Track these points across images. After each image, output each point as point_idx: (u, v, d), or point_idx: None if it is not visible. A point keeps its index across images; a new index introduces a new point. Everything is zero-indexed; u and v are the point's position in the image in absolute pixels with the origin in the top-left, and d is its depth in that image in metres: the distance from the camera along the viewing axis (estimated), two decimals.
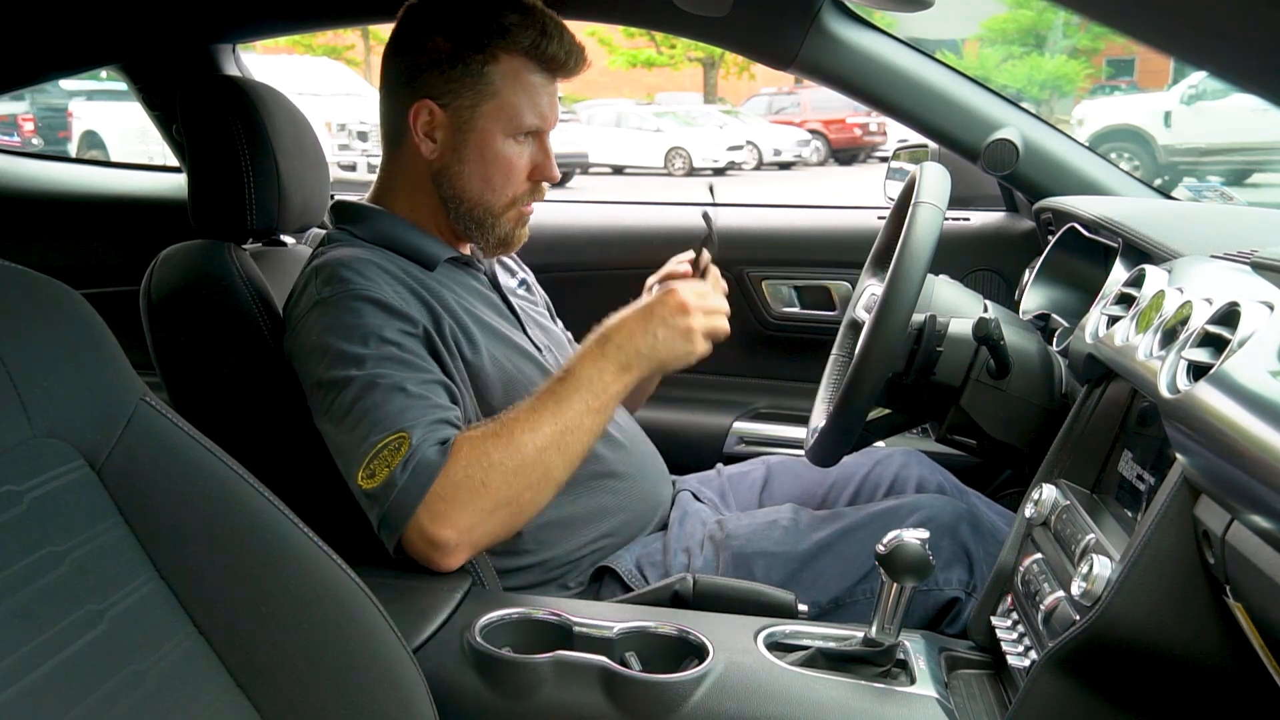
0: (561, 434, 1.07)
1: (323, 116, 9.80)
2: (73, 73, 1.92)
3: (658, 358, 1.13)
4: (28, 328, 0.69)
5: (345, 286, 1.12)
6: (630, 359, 1.11)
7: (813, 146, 16.24)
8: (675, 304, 1.13)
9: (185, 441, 0.75)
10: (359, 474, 1.04)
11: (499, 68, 1.17)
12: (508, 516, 1.06)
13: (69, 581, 0.65)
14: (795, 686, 0.93)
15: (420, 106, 1.18)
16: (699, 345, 1.14)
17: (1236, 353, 0.71)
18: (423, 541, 1.04)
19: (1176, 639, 0.79)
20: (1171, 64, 13.57)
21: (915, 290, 1.11)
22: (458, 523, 1.03)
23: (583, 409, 1.09)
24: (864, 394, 1.14)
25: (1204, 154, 10.40)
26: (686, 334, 1.13)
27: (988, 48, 20.66)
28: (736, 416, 1.91)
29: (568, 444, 1.08)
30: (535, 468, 1.06)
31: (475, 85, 1.17)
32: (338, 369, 1.08)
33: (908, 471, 1.44)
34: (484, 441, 1.05)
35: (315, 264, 1.17)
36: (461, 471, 1.03)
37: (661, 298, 1.14)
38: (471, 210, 1.23)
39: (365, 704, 0.76)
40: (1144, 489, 0.92)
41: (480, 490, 1.03)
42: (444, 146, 1.20)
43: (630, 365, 1.11)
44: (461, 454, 1.04)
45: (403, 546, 1.06)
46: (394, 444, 1.03)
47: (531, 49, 1.18)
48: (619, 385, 1.11)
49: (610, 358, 1.11)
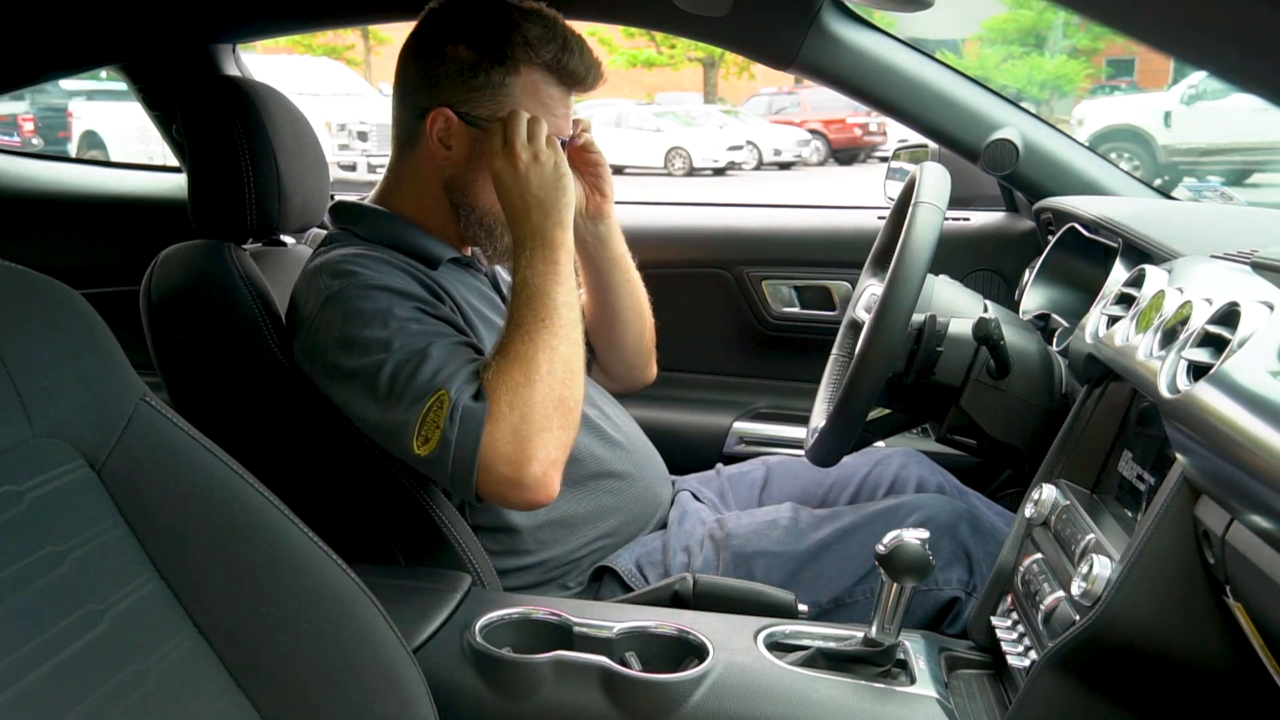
0: (545, 321, 1.09)
1: (323, 116, 9.79)
2: (73, 73, 1.92)
3: (550, 221, 1.12)
4: (28, 328, 0.69)
5: (354, 279, 1.12)
6: (541, 247, 1.11)
7: (813, 146, 16.24)
8: (521, 157, 1.12)
9: (185, 441, 0.75)
10: (414, 444, 1.05)
11: (519, 80, 1.18)
12: (563, 419, 1.08)
13: (69, 581, 0.65)
14: (795, 686, 0.93)
15: (438, 114, 1.18)
16: (565, 185, 1.13)
17: (1236, 353, 0.71)
18: (504, 486, 1.05)
19: (1176, 639, 0.79)
20: (1171, 64, 13.56)
21: (915, 290, 1.11)
22: (526, 453, 1.04)
23: (539, 283, 1.10)
24: (864, 394, 1.14)
25: (1204, 154, 10.40)
26: (548, 185, 1.12)
27: (988, 48, 20.66)
28: (736, 416, 1.91)
29: (555, 324, 1.09)
30: (555, 363, 1.07)
31: (495, 96, 1.17)
32: (367, 356, 1.08)
33: (907, 472, 1.44)
34: (503, 371, 1.06)
35: (318, 262, 1.17)
36: (505, 405, 1.04)
37: (500, 165, 1.14)
38: (483, 219, 1.23)
39: (365, 704, 0.76)
40: (1144, 489, 0.92)
41: (528, 413, 1.05)
42: (459, 155, 1.20)
43: (549, 257, 1.11)
44: (496, 391, 1.05)
45: (486, 498, 1.07)
46: (435, 404, 1.05)
47: (553, 63, 1.18)
48: (551, 273, 1.11)
49: (531, 262, 1.11)
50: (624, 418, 1.38)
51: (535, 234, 1.12)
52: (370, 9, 1.77)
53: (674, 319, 1.55)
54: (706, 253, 1.96)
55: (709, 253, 1.95)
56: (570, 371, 1.10)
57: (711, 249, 1.96)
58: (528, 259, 1.12)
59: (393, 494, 1.16)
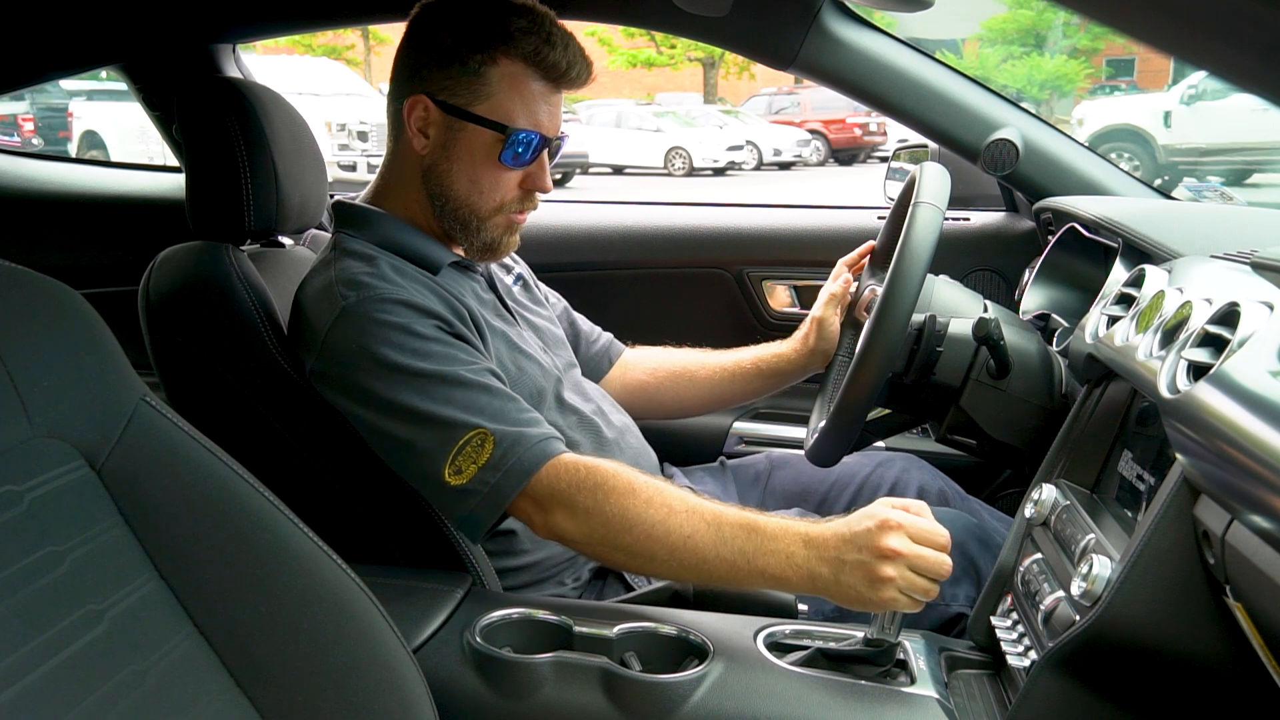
0: (686, 538, 1.01)
1: (323, 116, 9.79)
2: (73, 73, 1.92)
3: (833, 590, 0.97)
4: (28, 328, 0.69)
5: (370, 291, 1.12)
6: (801, 565, 0.98)
7: (813, 146, 16.26)
8: (883, 546, 0.94)
9: (185, 441, 0.75)
10: (445, 471, 1.05)
11: (497, 70, 1.17)
12: (593, 542, 1.06)
13: (69, 581, 0.65)
14: (795, 686, 0.93)
15: (416, 101, 1.18)
16: (883, 596, 0.94)
17: (1236, 353, 0.71)
18: (526, 518, 1.08)
19: (1176, 639, 0.79)
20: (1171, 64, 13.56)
21: (915, 290, 1.11)
22: (546, 521, 1.06)
23: (727, 554, 1.00)
24: (864, 394, 1.14)
25: (1204, 154, 10.40)
26: (873, 582, 0.94)
27: (988, 48, 20.67)
28: (737, 416, 1.91)
29: (678, 549, 1.01)
30: (639, 541, 1.02)
31: (471, 84, 1.17)
32: (387, 374, 1.08)
33: (909, 476, 1.44)
34: (601, 476, 1.05)
35: (331, 274, 1.16)
36: (565, 484, 1.05)
37: (874, 529, 0.96)
38: (457, 211, 1.21)
39: (365, 704, 0.76)
40: (1144, 489, 0.92)
41: (582, 506, 1.04)
42: (435, 143, 1.19)
43: (796, 568, 0.98)
44: (567, 471, 1.05)
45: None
46: (476, 440, 1.05)
47: (533, 55, 1.17)
48: (774, 572, 0.99)
49: (791, 548, 0.99)
50: (617, 413, 1.38)
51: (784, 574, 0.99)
52: (370, 9, 1.77)
53: (674, 319, 1.55)
54: (706, 253, 1.96)
55: (709, 253, 1.96)
56: (637, 556, 1.04)
57: (711, 249, 1.96)
58: (772, 548, 0.99)
59: (392, 494, 1.16)
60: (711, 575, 1.01)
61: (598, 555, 1.09)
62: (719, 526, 1.01)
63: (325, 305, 1.13)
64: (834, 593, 0.97)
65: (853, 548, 0.96)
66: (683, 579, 1.09)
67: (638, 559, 1.04)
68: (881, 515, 0.96)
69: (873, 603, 0.95)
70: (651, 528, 1.01)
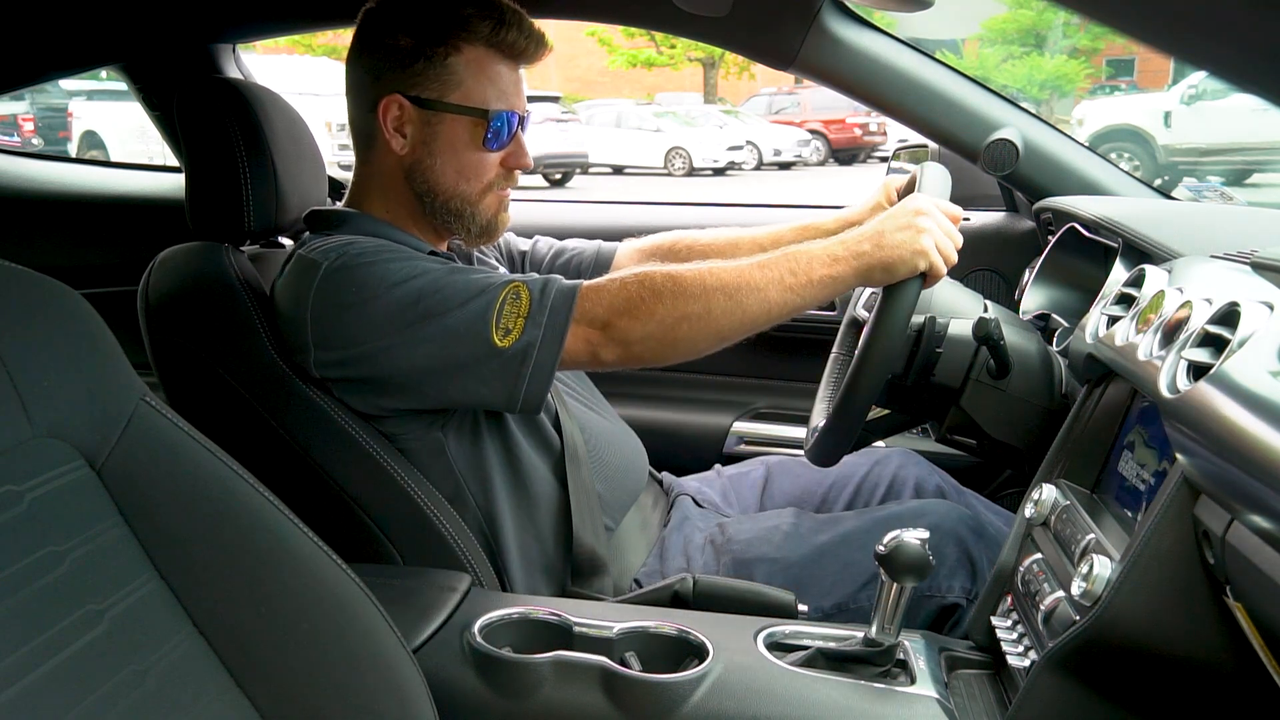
0: (739, 286, 1.07)
1: (323, 116, 9.78)
2: (73, 73, 1.92)
3: (880, 256, 1.07)
4: (28, 328, 0.69)
5: (350, 248, 1.12)
6: (845, 251, 1.08)
7: (813, 146, 16.26)
8: (912, 207, 1.09)
9: (185, 441, 0.75)
10: (494, 337, 1.06)
11: (461, 58, 1.17)
12: (660, 336, 1.08)
13: (69, 581, 0.65)
14: (795, 686, 0.93)
15: (389, 102, 1.18)
16: (925, 245, 1.07)
17: (1236, 353, 0.71)
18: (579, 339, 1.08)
19: (1176, 639, 0.79)
20: (1171, 64, 13.56)
21: (915, 290, 1.11)
22: (610, 335, 1.07)
23: (775, 276, 1.08)
24: (864, 394, 1.14)
25: (1204, 154, 10.40)
26: (915, 233, 1.07)
27: (988, 48, 20.67)
28: (736, 416, 1.91)
29: (742, 298, 1.07)
30: (696, 299, 1.06)
31: (440, 77, 1.17)
32: (396, 288, 1.08)
33: (905, 472, 1.44)
34: (638, 274, 1.08)
35: (302, 258, 1.15)
36: (617, 284, 1.07)
37: (901, 203, 1.11)
38: (448, 202, 1.22)
39: (365, 704, 0.76)
40: (1144, 489, 0.92)
41: (633, 302, 1.06)
42: (414, 141, 1.19)
43: (840, 258, 1.08)
44: (605, 285, 1.08)
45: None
46: (511, 293, 1.07)
47: (491, 37, 1.18)
48: (825, 271, 1.08)
49: (829, 246, 1.09)
50: (601, 403, 1.39)
51: (837, 255, 1.09)
52: None
53: None
54: None
55: None
56: (705, 321, 1.08)
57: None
58: (811, 250, 1.09)
59: (392, 494, 1.16)
60: (773, 306, 1.08)
61: (669, 339, 1.09)
62: (762, 264, 1.08)
63: (304, 280, 1.13)
64: (880, 259, 1.07)
65: (888, 220, 1.09)
66: (752, 321, 1.10)
67: (707, 320, 1.07)
68: (902, 203, 1.11)
69: (919, 253, 1.06)
70: (705, 286, 1.06)
